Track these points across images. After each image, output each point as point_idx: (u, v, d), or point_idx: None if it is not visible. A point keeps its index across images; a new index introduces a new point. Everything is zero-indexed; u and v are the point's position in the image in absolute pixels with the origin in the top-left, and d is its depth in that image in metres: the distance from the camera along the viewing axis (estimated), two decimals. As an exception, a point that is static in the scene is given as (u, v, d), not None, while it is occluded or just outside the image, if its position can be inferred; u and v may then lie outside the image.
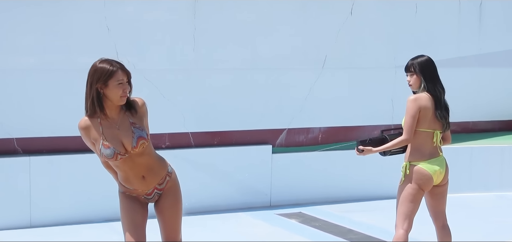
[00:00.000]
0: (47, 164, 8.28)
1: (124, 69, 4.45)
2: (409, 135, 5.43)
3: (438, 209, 5.67)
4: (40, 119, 8.38)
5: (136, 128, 4.43)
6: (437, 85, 5.53)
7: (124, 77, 4.41)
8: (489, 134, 11.18)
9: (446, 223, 5.70)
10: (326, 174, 9.64)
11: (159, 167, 4.61)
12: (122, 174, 4.57)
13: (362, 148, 5.59)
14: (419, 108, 5.42)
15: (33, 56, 8.35)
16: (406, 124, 5.44)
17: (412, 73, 5.52)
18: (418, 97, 5.45)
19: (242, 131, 9.48)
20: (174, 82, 9.03)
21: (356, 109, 10.10)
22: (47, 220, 8.21)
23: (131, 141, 4.41)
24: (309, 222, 8.60)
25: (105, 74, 4.37)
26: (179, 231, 4.72)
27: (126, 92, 4.40)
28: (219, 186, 9.15)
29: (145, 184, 4.57)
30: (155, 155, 4.64)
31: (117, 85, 4.36)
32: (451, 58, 10.54)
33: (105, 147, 4.42)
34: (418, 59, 5.55)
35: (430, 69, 5.51)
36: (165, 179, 4.64)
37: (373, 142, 5.59)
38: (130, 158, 4.46)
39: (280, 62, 9.60)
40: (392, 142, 5.53)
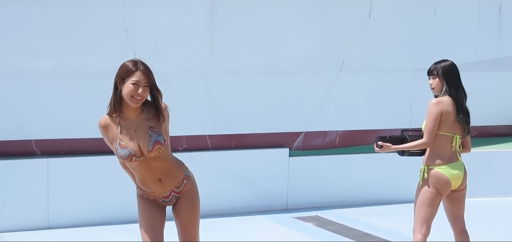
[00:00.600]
0: (65, 165, 8.32)
1: (146, 72, 4.40)
2: (430, 138, 5.41)
3: (456, 213, 5.64)
4: (58, 121, 8.42)
5: (154, 132, 4.43)
6: (460, 89, 5.52)
7: (143, 79, 4.38)
8: (507, 139, 11.11)
9: (464, 228, 5.67)
10: (343, 177, 9.62)
11: (176, 171, 4.61)
12: (139, 177, 4.58)
13: (381, 143, 5.57)
14: (441, 112, 5.40)
15: (51, 58, 8.40)
16: (427, 127, 5.42)
17: (434, 76, 5.50)
18: (441, 101, 5.43)
19: (259, 134, 9.48)
20: (192, 84, 9.05)
21: (374, 112, 10.07)
22: (65, 221, 8.25)
23: (148, 144, 4.41)
24: (325, 225, 8.58)
25: (125, 72, 4.38)
26: (197, 234, 4.72)
27: (139, 95, 4.37)
28: (236, 189, 9.15)
29: (162, 187, 4.57)
30: (172, 158, 4.63)
31: (131, 85, 4.35)
32: (469, 62, 10.49)
33: (121, 147, 4.44)
34: (441, 63, 5.54)
35: (453, 74, 5.50)
36: (182, 182, 4.64)
37: (392, 140, 5.58)
38: (145, 161, 4.47)
39: (298, 65, 9.59)
40: (412, 143, 5.52)
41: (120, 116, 4.46)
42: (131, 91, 4.35)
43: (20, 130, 8.27)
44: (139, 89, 4.36)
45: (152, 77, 4.46)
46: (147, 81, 4.40)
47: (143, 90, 4.38)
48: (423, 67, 5.95)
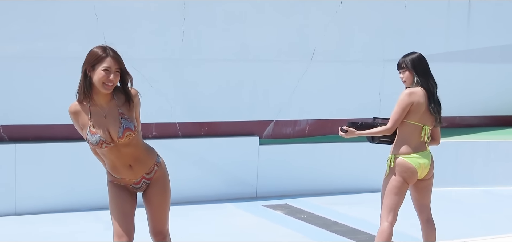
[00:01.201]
0: (33, 151, 8.24)
1: (116, 58, 4.38)
2: (393, 126, 5.46)
3: (422, 202, 5.69)
4: (26, 106, 8.34)
5: (124, 119, 4.41)
6: (430, 79, 5.56)
7: (113, 65, 4.35)
8: (475, 129, 11.24)
9: (430, 217, 5.73)
10: (312, 166, 9.66)
11: (147, 157, 4.60)
12: (109, 163, 4.56)
13: (346, 128, 5.60)
14: (412, 102, 5.44)
15: (20, 43, 8.30)
16: (394, 114, 5.47)
17: (404, 70, 5.54)
18: (413, 92, 5.46)
19: (229, 122, 9.48)
20: (162, 71, 9.01)
21: (344, 102, 10.12)
22: (32, 207, 8.18)
23: (118, 131, 4.39)
24: (294, 213, 8.61)
25: (94, 58, 4.35)
26: (166, 220, 4.71)
27: (111, 81, 4.34)
28: (206, 176, 9.15)
29: (132, 173, 4.55)
30: (143, 145, 4.61)
31: (102, 71, 4.32)
32: (439, 53, 10.58)
33: (91, 134, 4.41)
34: (409, 56, 5.57)
35: (422, 65, 5.54)
36: (153, 168, 4.62)
37: (364, 126, 5.61)
38: (116, 147, 4.45)
39: (269, 54, 9.60)
40: (375, 129, 5.57)
41: (90, 103, 4.43)
42: (103, 77, 4.32)
43: (-13, 115, 8.18)
44: (111, 75, 4.34)
45: (122, 62, 4.44)
46: (118, 66, 4.38)
47: (114, 76, 4.36)
48: (393, 58, 5.99)
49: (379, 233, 5.50)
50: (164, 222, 4.67)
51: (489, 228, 7.98)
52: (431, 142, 5.65)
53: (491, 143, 10.48)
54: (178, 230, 7.62)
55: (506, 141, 10.54)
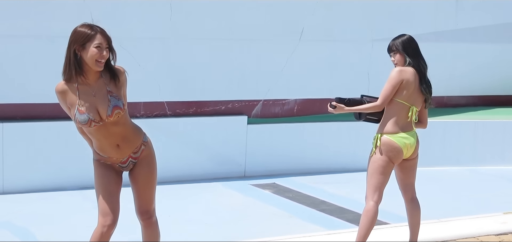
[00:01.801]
0: (20, 130, 8.21)
1: (104, 34, 4.38)
2: (383, 102, 5.46)
3: (407, 182, 5.71)
4: (14, 85, 8.29)
5: (112, 97, 4.39)
6: (421, 60, 5.56)
7: (103, 42, 4.34)
8: (463, 109, 11.28)
9: (415, 196, 5.75)
10: (300, 145, 9.68)
11: (134, 136, 4.59)
12: (96, 142, 4.55)
13: (334, 104, 5.59)
14: (402, 80, 5.44)
15: (6, 21, 8.23)
16: (384, 91, 5.46)
17: (395, 52, 5.54)
18: (404, 70, 5.47)
19: (217, 101, 9.47)
20: (150, 50, 8.98)
21: (332, 81, 10.11)
22: (20, 186, 8.16)
23: (106, 109, 4.37)
24: (282, 193, 8.64)
25: (83, 37, 4.33)
26: (153, 200, 4.70)
27: (103, 58, 4.34)
28: (194, 156, 9.14)
29: (119, 153, 4.54)
30: (130, 124, 4.60)
31: (94, 49, 4.31)
32: (428, 32, 10.58)
33: (80, 113, 4.39)
34: (399, 39, 5.56)
35: (412, 46, 5.54)
36: (140, 148, 4.61)
37: (351, 103, 5.60)
38: (104, 126, 4.43)
39: (257, 33, 9.57)
40: (364, 105, 5.56)
41: (78, 82, 4.41)
42: (95, 55, 4.31)
43: (-26, 94, 8.13)
44: (103, 51, 4.33)
45: (110, 38, 4.44)
46: (107, 42, 4.38)
47: (106, 52, 4.35)
48: (382, 37, 6.00)
49: (364, 212, 5.52)
50: (150, 201, 4.67)
51: (475, 207, 8.02)
52: (418, 124, 5.66)
53: (478, 122, 10.52)
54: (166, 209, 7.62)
55: (494, 121, 10.59)
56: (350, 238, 5.72)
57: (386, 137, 5.49)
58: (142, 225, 4.69)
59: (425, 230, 6.23)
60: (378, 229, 6.23)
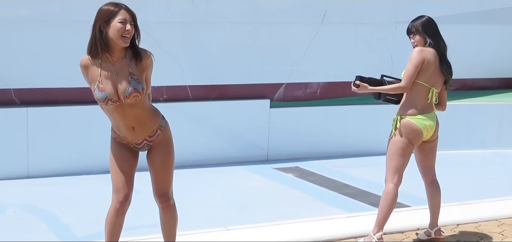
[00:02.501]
0: (44, 115, 8.28)
1: (128, 10, 4.42)
2: (407, 83, 5.42)
3: (427, 164, 5.68)
4: (38, 70, 8.36)
5: (133, 79, 4.41)
6: (441, 41, 5.53)
7: (128, 17, 4.37)
8: (488, 92, 11.18)
9: (435, 179, 5.72)
10: (323, 129, 9.66)
11: (150, 121, 4.59)
12: (113, 120, 4.60)
13: (358, 83, 5.57)
14: (423, 59, 5.41)
15: (31, 6, 8.29)
16: (407, 72, 5.44)
17: (414, 33, 5.50)
18: (424, 50, 5.44)
19: (240, 85, 9.47)
20: (173, 35, 8.99)
21: (355, 64, 10.05)
22: (45, 170, 8.24)
23: (125, 90, 4.40)
24: (305, 176, 8.64)
25: (108, 14, 4.36)
26: (169, 183, 4.71)
27: (128, 32, 4.37)
28: (217, 139, 9.17)
29: (134, 135, 4.57)
30: (148, 108, 4.61)
31: (118, 24, 4.33)
32: (452, 14, 10.48)
33: (99, 90, 4.43)
34: (418, 20, 5.54)
35: (431, 27, 5.51)
36: (156, 132, 4.63)
37: (371, 83, 5.58)
38: (121, 106, 4.46)
39: (280, 16, 9.55)
40: (388, 86, 5.53)
41: (103, 59, 4.44)
42: (120, 30, 4.34)
43: (-1, 79, 8.22)
44: (127, 25, 4.36)
45: (135, 15, 4.47)
46: (132, 18, 4.40)
47: (131, 27, 4.38)
48: (405, 19, 5.93)
49: (384, 194, 5.51)
50: (166, 185, 4.69)
51: (498, 190, 7.96)
52: (437, 106, 5.62)
53: (504, 105, 10.42)
54: (189, 193, 7.67)
55: (519, 104, 10.49)
56: (371, 221, 5.70)
57: (406, 119, 5.46)
58: (159, 207, 4.73)
59: (446, 212, 6.22)
60: (398, 212, 6.22)
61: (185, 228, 5.98)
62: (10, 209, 7.10)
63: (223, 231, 5.96)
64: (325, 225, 6.24)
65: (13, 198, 7.45)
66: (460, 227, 6.23)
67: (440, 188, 5.72)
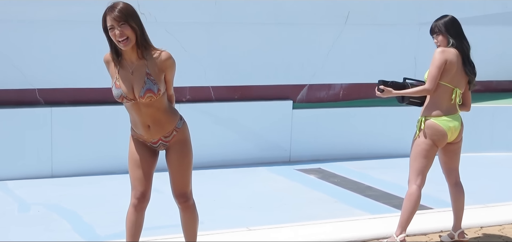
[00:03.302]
0: (68, 115, 8.34)
1: (114, 16, 4.33)
2: (432, 86, 5.39)
3: (451, 166, 5.65)
4: (62, 70, 8.42)
5: (149, 80, 4.42)
6: (464, 41, 5.50)
7: (114, 22, 4.33)
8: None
9: (459, 180, 5.69)
10: (346, 130, 9.63)
11: (167, 122, 4.60)
12: (131, 117, 4.65)
13: (382, 88, 5.55)
14: (446, 60, 5.38)
15: (56, 7, 8.36)
16: (430, 74, 5.40)
17: (437, 34, 5.48)
18: (446, 50, 5.42)
19: (263, 86, 9.47)
20: (196, 35, 9.02)
21: (378, 66, 10.03)
22: (68, 170, 8.30)
23: (140, 90, 4.42)
24: (328, 178, 8.61)
25: (103, 22, 4.42)
26: (187, 183, 4.71)
27: (119, 36, 4.31)
28: (239, 140, 9.17)
29: (149, 134, 4.60)
30: (166, 108, 4.60)
31: (109, 30, 4.37)
32: (476, 16, 10.41)
33: (115, 87, 4.48)
34: (441, 20, 5.51)
35: (454, 27, 5.48)
36: (171, 133, 4.63)
37: (394, 86, 5.55)
38: (137, 105, 4.50)
39: (303, 17, 9.54)
40: (413, 89, 5.50)
41: (122, 57, 4.48)
42: (113, 37, 4.36)
43: (23, 79, 8.28)
44: (116, 31, 4.33)
45: (123, 14, 4.36)
46: (118, 21, 4.34)
47: (121, 29, 4.33)
48: (429, 21, 5.89)
49: (407, 196, 5.48)
50: (184, 185, 4.69)
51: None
52: (462, 107, 5.58)
53: (528, 107, 10.33)
54: (211, 193, 7.69)
55: (544, 106, 10.38)
56: (393, 223, 5.68)
57: (430, 120, 5.44)
58: (179, 208, 4.75)
59: (470, 215, 6.18)
60: (421, 214, 6.18)
61: (207, 228, 6.00)
62: (34, 208, 7.16)
63: (245, 232, 5.97)
64: (347, 227, 6.22)
65: (37, 197, 7.51)
66: (484, 229, 6.19)
67: (464, 190, 5.68)
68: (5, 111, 8.11)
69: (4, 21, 8.13)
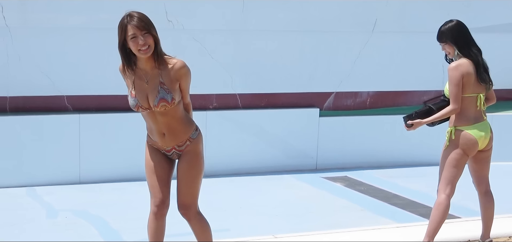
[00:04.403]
0: (96, 121, 8.41)
1: (134, 23, 4.37)
2: (457, 104, 5.33)
3: (481, 174, 5.60)
4: (90, 77, 8.49)
5: (163, 89, 4.45)
6: (472, 48, 5.38)
7: (137, 31, 4.36)
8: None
9: (489, 189, 5.63)
10: (373, 138, 9.59)
11: (181, 131, 4.61)
12: (147, 125, 4.68)
13: (411, 122, 5.51)
14: (462, 75, 5.31)
15: (84, 14, 8.44)
16: (452, 93, 5.34)
17: (444, 43, 5.40)
18: (459, 64, 5.32)
19: (289, 94, 9.47)
20: (222, 43, 9.04)
21: (406, 74, 9.98)
22: (96, 176, 8.36)
23: (154, 99, 4.45)
24: (354, 186, 8.58)
25: (121, 32, 4.42)
26: (190, 195, 4.65)
27: (142, 45, 4.34)
28: (266, 148, 9.17)
29: (164, 142, 4.62)
30: (181, 117, 4.61)
31: (131, 41, 4.38)
32: (504, 23, 10.30)
33: (131, 96, 4.52)
34: (447, 26, 5.41)
35: (461, 34, 5.37)
36: (185, 142, 4.64)
37: (419, 115, 5.51)
38: (152, 113, 4.54)
39: (330, 24, 9.52)
40: (441, 112, 5.43)
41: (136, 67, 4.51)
42: (134, 46, 4.38)
43: (52, 86, 8.36)
44: (139, 40, 4.37)
45: (145, 23, 4.41)
46: (141, 29, 4.37)
47: (144, 38, 4.37)
48: (456, 28, 5.83)
49: (436, 205, 5.44)
50: (188, 196, 4.65)
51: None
52: (488, 102, 5.52)
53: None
54: (237, 200, 7.70)
55: None
56: (420, 232, 5.64)
57: (461, 130, 5.39)
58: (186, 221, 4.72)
59: (499, 224, 6.11)
60: (448, 223, 6.13)
61: (233, 236, 6.01)
62: (61, 214, 7.21)
63: (271, 239, 5.96)
64: (373, 235, 6.19)
65: (64, 203, 7.57)
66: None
67: (493, 199, 5.62)
68: (33, 118, 8.19)
69: (33, 29, 8.22)
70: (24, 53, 8.22)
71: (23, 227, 6.75)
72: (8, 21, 8.11)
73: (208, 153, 7.41)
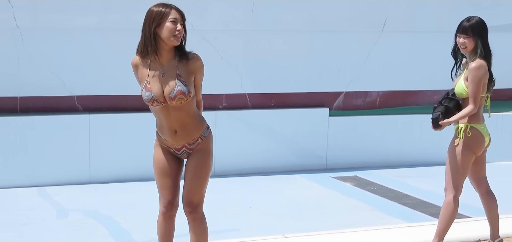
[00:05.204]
0: (106, 121, 8.43)
1: (179, 10, 4.50)
2: (477, 104, 5.29)
3: (480, 174, 5.58)
4: (100, 77, 8.51)
5: (180, 81, 4.45)
6: (489, 48, 5.38)
7: (178, 17, 4.46)
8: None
9: (489, 189, 5.61)
10: (382, 138, 9.58)
11: (193, 128, 4.61)
12: (158, 121, 4.66)
13: (441, 123, 5.41)
14: (483, 75, 5.30)
15: (94, 15, 8.47)
16: (473, 93, 5.27)
17: (468, 35, 5.34)
18: (482, 65, 5.29)
19: (299, 94, 9.47)
20: (232, 43, 9.05)
21: (416, 73, 9.96)
22: (106, 176, 8.38)
23: (171, 91, 4.45)
24: (364, 186, 8.57)
25: (160, 15, 4.45)
26: (197, 193, 4.65)
27: (179, 32, 4.43)
28: (275, 148, 9.17)
29: (175, 139, 4.60)
30: (194, 114, 4.61)
31: (169, 23, 4.42)
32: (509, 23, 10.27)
33: (146, 90, 4.50)
34: (474, 20, 5.37)
35: (486, 31, 5.36)
36: (197, 140, 4.64)
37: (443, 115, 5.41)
38: (166, 108, 4.51)
39: (339, 24, 9.51)
40: (461, 113, 5.36)
41: (152, 59, 4.51)
42: (172, 29, 4.42)
43: (62, 86, 8.39)
44: (178, 25, 4.44)
45: (184, 16, 4.54)
46: (181, 18, 4.48)
47: (181, 26, 4.46)
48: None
49: (444, 205, 5.42)
50: (193, 194, 4.64)
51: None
52: None
53: None
54: (247, 200, 7.71)
55: None
56: (430, 232, 5.63)
57: (475, 128, 5.35)
58: (187, 219, 4.71)
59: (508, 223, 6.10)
60: (458, 223, 6.12)
61: (243, 235, 6.02)
62: (72, 214, 7.24)
63: (281, 239, 5.97)
64: (383, 235, 6.19)
65: (75, 203, 7.60)
66: (524, 237, 6.11)
67: (495, 198, 5.61)
68: (44, 118, 8.22)
69: (43, 29, 8.25)
70: (34, 54, 8.25)
71: (33, 227, 6.78)
72: (18, 21, 8.14)
73: (218, 153, 7.41)
